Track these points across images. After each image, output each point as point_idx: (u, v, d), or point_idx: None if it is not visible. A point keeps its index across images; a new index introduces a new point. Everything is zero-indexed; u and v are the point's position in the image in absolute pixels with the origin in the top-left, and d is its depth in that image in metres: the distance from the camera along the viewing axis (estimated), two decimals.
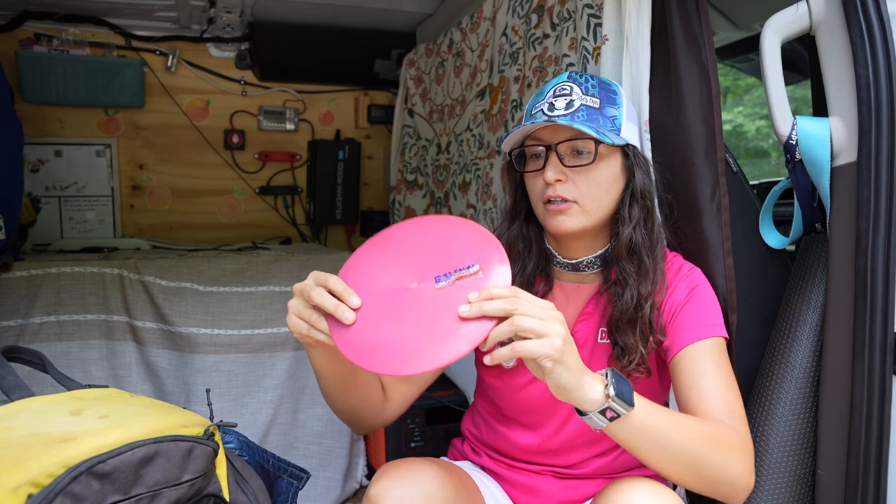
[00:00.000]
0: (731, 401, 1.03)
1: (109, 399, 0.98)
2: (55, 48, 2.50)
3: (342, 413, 1.15)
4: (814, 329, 1.16)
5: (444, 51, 2.37)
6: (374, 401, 1.16)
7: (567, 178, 1.10)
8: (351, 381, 1.09)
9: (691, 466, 0.94)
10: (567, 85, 1.14)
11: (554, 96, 1.13)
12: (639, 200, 1.12)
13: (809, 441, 1.14)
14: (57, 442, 0.79)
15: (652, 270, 1.11)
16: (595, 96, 1.12)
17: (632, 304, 1.09)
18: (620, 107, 1.14)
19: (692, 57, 1.25)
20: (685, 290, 1.13)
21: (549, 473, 1.22)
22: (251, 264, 2.12)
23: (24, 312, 1.93)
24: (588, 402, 0.89)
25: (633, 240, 1.11)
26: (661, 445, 0.93)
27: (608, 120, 1.12)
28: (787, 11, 1.13)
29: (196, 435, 0.91)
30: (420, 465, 1.08)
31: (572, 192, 1.10)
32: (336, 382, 1.07)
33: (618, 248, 1.12)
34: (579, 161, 1.10)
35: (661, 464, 0.94)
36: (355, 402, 1.12)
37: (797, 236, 1.25)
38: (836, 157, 1.09)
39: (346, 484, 2.13)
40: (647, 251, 1.11)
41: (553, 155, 1.10)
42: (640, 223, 1.12)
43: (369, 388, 1.14)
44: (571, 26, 1.56)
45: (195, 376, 1.99)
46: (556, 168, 1.09)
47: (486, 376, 1.25)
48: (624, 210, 1.13)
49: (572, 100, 1.11)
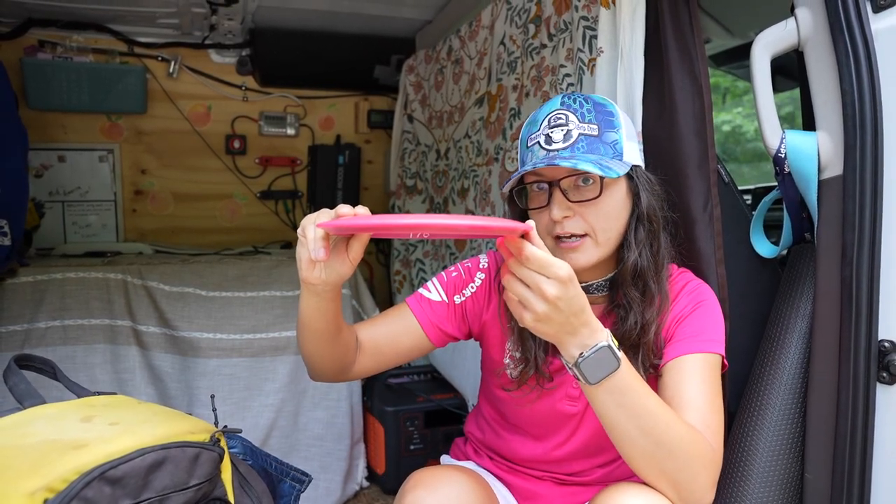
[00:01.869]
0: (710, 416, 1.02)
1: (118, 406, 1.01)
2: (59, 55, 2.54)
3: (313, 360, 1.13)
4: (802, 336, 1.19)
5: (443, 57, 2.40)
6: (345, 361, 1.15)
7: (574, 212, 1.08)
8: (331, 335, 1.08)
9: (657, 455, 0.94)
10: (562, 113, 1.10)
11: (549, 127, 1.10)
12: (645, 224, 1.11)
13: (797, 445, 1.17)
14: (70, 448, 0.82)
15: (657, 295, 1.10)
16: (592, 122, 1.09)
17: (636, 329, 1.09)
18: (619, 129, 1.11)
19: (685, 70, 1.28)
20: (690, 304, 1.13)
21: (549, 479, 1.25)
22: (253, 269, 2.15)
23: (29, 317, 1.97)
24: (567, 357, 0.93)
25: (639, 266, 1.10)
26: (636, 417, 0.93)
27: (609, 147, 1.09)
28: (776, 28, 1.16)
29: (202, 441, 0.94)
30: (449, 473, 1.12)
31: (582, 227, 1.08)
32: (315, 329, 1.06)
33: (623, 273, 1.11)
34: (584, 195, 1.07)
35: (630, 441, 0.95)
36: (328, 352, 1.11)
37: (787, 245, 1.28)
38: (823, 171, 1.12)
39: (346, 486, 2.15)
40: (653, 276, 1.11)
41: (557, 191, 1.08)
42: (645, 247, 1.11)
43: (346, 349, 1.13)
44: (568, 37, 1.59)
45: (198, 380, 2.02)
46: (562, 205, 1.07)
47: (493, 388, 1.27)
48: (630, 234, 1.11)
49: (569, 130, 1.08)
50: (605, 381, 0.92)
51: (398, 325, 1.21)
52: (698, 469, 0.96)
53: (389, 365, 1.22)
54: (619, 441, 0.97)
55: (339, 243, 0.97)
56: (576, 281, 0.89)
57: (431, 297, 1.22)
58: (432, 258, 2.49)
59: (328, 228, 0.92)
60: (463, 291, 1.24)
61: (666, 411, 0.96)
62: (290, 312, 2.12)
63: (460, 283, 1.25)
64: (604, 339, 0.92)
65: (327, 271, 0.96)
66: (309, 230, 0.93)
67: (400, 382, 2.31)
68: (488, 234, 0.92)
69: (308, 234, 0.93)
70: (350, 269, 0.98)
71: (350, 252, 0.97)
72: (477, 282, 1.25)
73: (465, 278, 1.25)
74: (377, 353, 1.19)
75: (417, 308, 1.21)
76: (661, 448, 0.94)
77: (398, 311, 1.22)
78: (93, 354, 2.01)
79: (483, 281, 1.25)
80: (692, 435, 0.97)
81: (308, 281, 0.97)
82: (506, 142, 1.92)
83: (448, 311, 1.22)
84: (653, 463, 0.95)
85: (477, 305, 1.23)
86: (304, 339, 1.09)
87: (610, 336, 0.93)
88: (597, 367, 0.91)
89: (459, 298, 1.23)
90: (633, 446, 0.96)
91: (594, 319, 0.92)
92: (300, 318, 1.07)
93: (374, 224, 0.88)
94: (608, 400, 0.94)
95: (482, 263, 1.27)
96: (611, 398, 0.93)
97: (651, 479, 0.97)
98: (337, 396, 2.15)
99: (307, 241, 0.93)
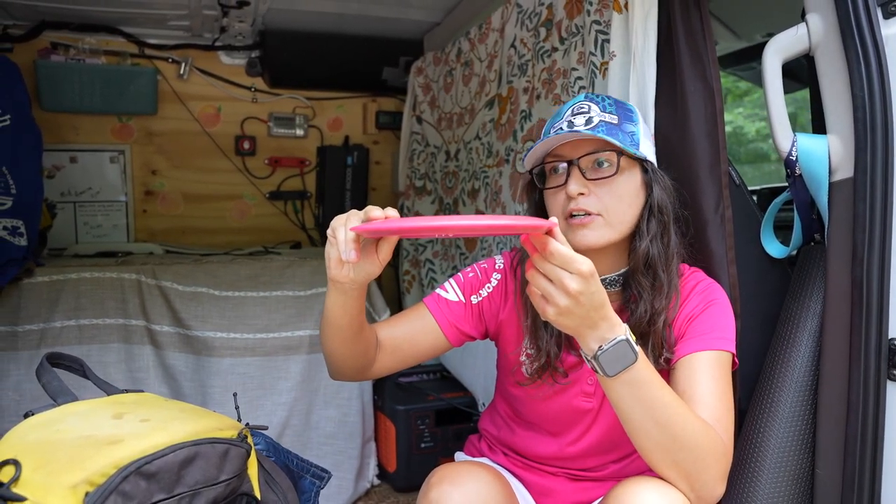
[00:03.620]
0: (721, 411, 1.05)
1: (146, 403, 1.04)
2: (72, 57, 2.56)
3: (335, 357, 1.16)
4: (813, 335, 1.21)
5: (452, 60, 2.42)
6: (365, 360, 1.18)
7: (589, 191, 1.12)
8: (355, 332, 1.11)
9: (671, 447, 0.97)
10: (585, 104, 1.17)
11: (572, 115, 1.16)
12: (656, 215, 1.14)
13: (808, 441, 1.19)
14: (106, 444, 0.85)
15: (666, 285, 1.13)
16: (613, 113, 1.15)
17: (645, 317, 1.12)
18: (637, 124, 1.17)
19: (697, 74, 1.30)
20: (702, 303, 1.16)
21: (563, 475, 1.28)
22: (265, 269, 2.17)
23: (45, 317, 1.99)
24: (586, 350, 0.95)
25: (650, 253, 1.13)
26: (651, 409, 0.96)
27: (627, 135, 1.14)
28: (787, 33, 1.18)
29: (231, 437, 0.97)
30: (472, 468, 1.14)
31: (596, 205, 1.11)
32: (339, 326, 1.08)
33: (635, 262, 1.14)
34: (601, 173, 1.12)
35: (645, 433, 0.98)
36: (351, 349, 1.13)
37: (797, 246, 1.30)
38: (834, 173, 1.15)
39: (357, 483, 2.18)
40: (663, 266, 1.14)
41: (575, 169, 1.12)
42: (656, 237, 1.14)
43: (367, 346, 1.16)
44: (580, 41, 1.62)
45: (211, 379, 2.05)
46: (579, 181, 1.12)
47: (509, 385, 1.30)
48: (643, 224, 1.15)
49: (591, 116, 1.14)
50: (622, 374, 0.95)
51: (417, 325, 1.23)
52: (710, 461, 0.99)
53: (407, 364, 1.25)
54: (634, 432, 1.00)
55: (368, 244, 1.00)
56: (597, 277, 0.91)
57: (449, 297, 1.25)
58: (442, 258, 2.51)
59: (362, 232, 0.94)
60: (479, 291, 1.27)
61: (680, 404, 0.99)
62: (302, 312, 2.14)
63: (477, 283, 1.27)
64: (622, 334, 0.95)
65: (356, 270, 0.99)
66: (339, 232, 0.95)
67: (410, 381, 2.33)
68: (514, 231, 0.95)
69: (339, 236, 0.95)
70: (378, 269, 1.01)
71: (380, 253, 1.00)
72: (493, 282, 1.27)
73: (481, 278, 1.28)
74: (396, 352, 1.22)
75: (435, 308, 1.24)
76: (676, 440, 0.97)
77: (416, 311, 1.25)
78: (107, 354, 2.03)
79: (499, 281, 1.27)
80: (704, 428, 1.00)
81: (337, 280, 1.00)
82: (516, 143, 1.94)
83: (465, 310, 1.24)
84: (666, 455, 0.98)
85: (493, 305, 1.26)
86: (328, 336, 1.12)
87: (628, 330, 0.96)
88: (615, 360, 0.94)
89: (476, 298, 1.26)
90: (647, 438, 0.98)
91: (613, 314, 0.95)
92: (325, 315, 1.10)
93: (406, 227, 0.91)
94: (625, 392, 0.97)
95: (498, 264, 1.29)
96: (627, 390, 0.96)
97: (664, 469, 1.00)
98: (348, 395, 2.17)
99: (338, 243, 0.95)
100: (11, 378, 1.94)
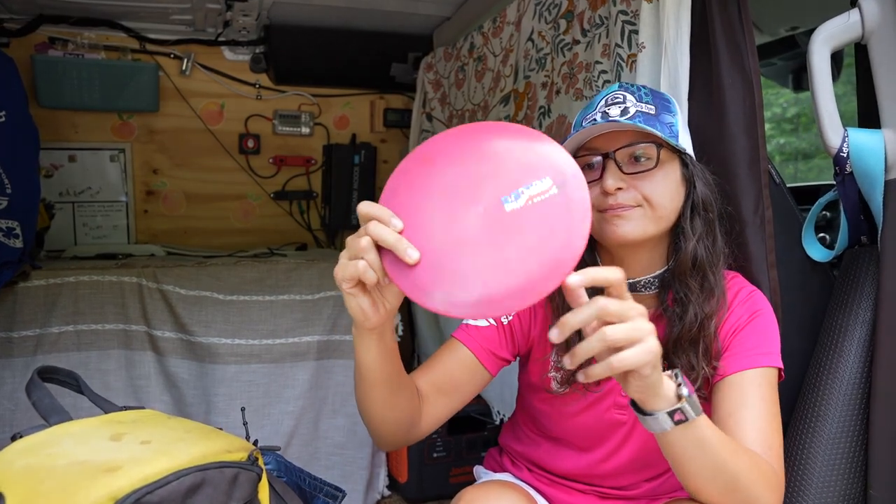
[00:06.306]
0: (772, 436, 0.98)
1: (147, 422, 0.96)
2: (70, 52, 2.48)
3: (377, 418, 1.01)
4: (862, 344, 1.14)
5: (464, 55, 2.34)
6: (412, 413, 1.05)
7: (627, 185, 1.03)
8: (397, 382, 0.99)
9: (729, 490, 0.90)
10: (619, 94, 1.08)
11: (606, 105, 1.07)
12: (700, 213, 1.06)
13: (859, 458, 1.12)
14: (102, 472, 0.77)
15: (716, 287, 1.05)
16: (650, 103, 1.06)
17: (696, 322, 1.03)
18: (676, 114, 1.08)
19: (735, 66, 1.22)
20: (746, 314, 1.08)
21: (593, 493, 1.20)
22: (271, 272, 2.09)
23: (42, 322, 1.91)
24: (662, 399, 0.82)
25: (698, 254, 1.04)
26: (710, 460, 0.88)
27: (666, 126, 1.05)
28: (837, 20, 1.10)
29: (240, 460, 0.89)
30: (499, 490, 1.08)
31: (636, 198, 1.03)
32: (382, 379, 0.95)
33: (681, 264, 1.05)
34: (639, 167, 1.03)
35: (703, 481, 0.90)
36: (397, 404, 1.01)
37: (842, 249, 1.22)
38: (890, 170, 1.07)
39: (367, 495, 2.10)
40: (711, 267, 1.05)
41: (611, 163, 1.03)
42: (702, 237, 1.05)
43: (411, 395, 1.04)
44: (604, 32, 1.53)
45: (216, 387, 1.97)
46: (616, 175, 1.02)
47: (534, 400, 1.22)
48: (685, 223, 1.06)
49: (627, 107, 1.05)
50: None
51: (452, 362, 1.13)
52: (767, 499, 0.92)
53: (455, 409, 1.13)
54: (687, 478, 0.91)
55: None
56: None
57: (478, 323, 1.17)
58: None
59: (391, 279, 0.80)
60: None
61: (729, 442, 0.91)
62: (309, 317, 2.06)
63: None
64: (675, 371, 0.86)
65: (388, 294, 0.86)
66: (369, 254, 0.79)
67: None
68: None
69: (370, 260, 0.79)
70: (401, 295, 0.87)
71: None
72: None
73: None
74: (440, 396, 1.10)
75: (466, 338, 1.14)
76: (729, 479, 0.89)
77: (448, 348, 1.15)
78: (107, 360, 1.95)
79: None
80: (761, 464, 0.93)
81: (373, 323, 0.86)
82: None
83: (498, 333, 1.16)
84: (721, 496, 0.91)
85: (524, 323, 1.18)
86: (371, 400, 0.99)
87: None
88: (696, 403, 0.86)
89: (506, 318, 1.17)
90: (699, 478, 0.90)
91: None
92: (362, 375, 0.96)
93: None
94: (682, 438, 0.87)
95: None
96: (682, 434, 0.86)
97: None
98: None
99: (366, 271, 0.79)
100: (6, 386, 1.87)
